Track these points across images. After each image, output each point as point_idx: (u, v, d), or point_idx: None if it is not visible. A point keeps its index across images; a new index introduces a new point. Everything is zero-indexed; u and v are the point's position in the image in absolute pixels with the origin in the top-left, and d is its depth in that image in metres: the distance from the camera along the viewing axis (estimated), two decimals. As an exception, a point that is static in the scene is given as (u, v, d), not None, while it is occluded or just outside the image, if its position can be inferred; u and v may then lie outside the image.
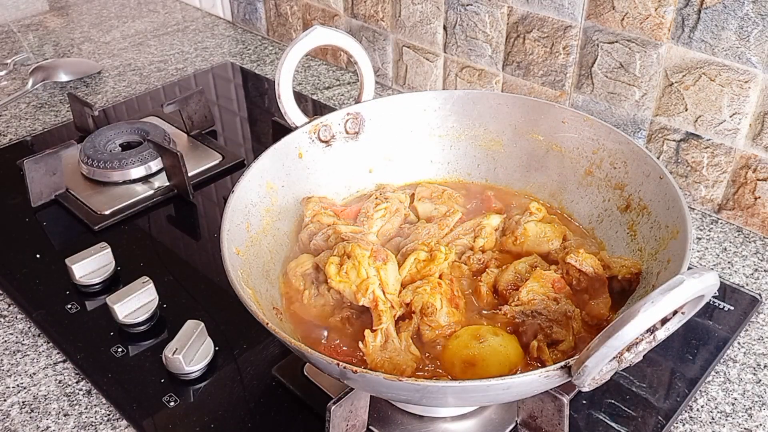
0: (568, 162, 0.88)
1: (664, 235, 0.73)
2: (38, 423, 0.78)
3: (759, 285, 0.95)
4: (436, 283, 0.73)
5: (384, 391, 0.63)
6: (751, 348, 0.86)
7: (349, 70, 1.53)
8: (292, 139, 0.86)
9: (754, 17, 0.90)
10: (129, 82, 1.51)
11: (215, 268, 0.99)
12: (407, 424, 0.75)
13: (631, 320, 0.50)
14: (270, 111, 1.38)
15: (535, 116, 0.89)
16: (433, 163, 0.96)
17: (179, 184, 1.12)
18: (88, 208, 1.10)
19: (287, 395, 0.80)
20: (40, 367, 0.85)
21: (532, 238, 0.81)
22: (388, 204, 0.86)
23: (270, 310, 0.72)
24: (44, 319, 0.90)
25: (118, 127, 1.24)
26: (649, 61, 1.02)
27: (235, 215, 0.75)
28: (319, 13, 1.51)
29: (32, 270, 0.98)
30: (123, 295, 0.87)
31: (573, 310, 0.71)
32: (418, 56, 1.35)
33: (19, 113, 1.39)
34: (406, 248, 0.79)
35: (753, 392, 0.80)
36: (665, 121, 1.05)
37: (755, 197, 1.01)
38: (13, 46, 1.66)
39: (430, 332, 0.71)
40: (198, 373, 0.82)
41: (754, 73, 0.93)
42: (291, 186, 0.86)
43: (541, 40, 1.14)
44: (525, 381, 0.56)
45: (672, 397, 0.79)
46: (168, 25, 1.78)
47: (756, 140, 0.97)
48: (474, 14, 1.21)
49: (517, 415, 0.75)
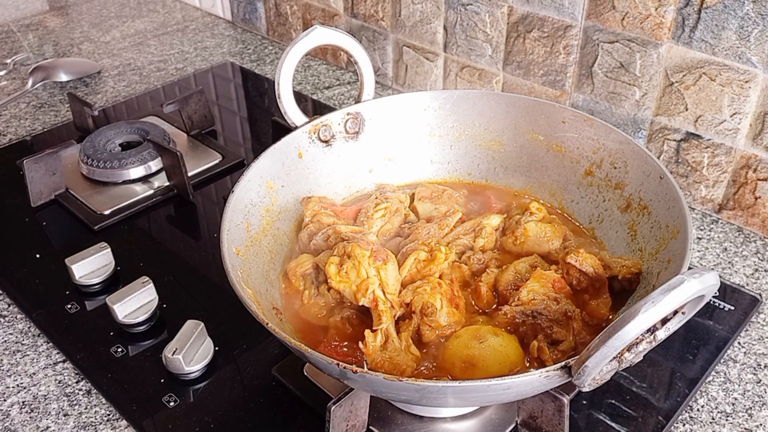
0: (569, 162, 0.88)
1: (665, 235, 0.73)
2: (38, 423, 0.78)
3: (759, 285, 0.95)
4: (436, 283, 0.73)
5: (384, 392, 0.62)
6: (752, 348, 0.86)
7: (349, 69, 1.53)
8: (291, 139, 0.86)
9: (755, 17, 0.90)
10: (129, 82, 1.51)
11: (215, 268, 0.99)
12: (407, 425, 0.75)
13: (632, 320, 0.50)
14: (270, 111, 1.38)
15: (536, 116, 0.89)
16: (433, 163, 0.95)
17: (179, 183, 1.12)
18: (87, 207, 1.10)
19: (287, 395, 0.80)
20: (39, 367, 0.85)
21: (532, 238, 0.80)
22: (388, 204, 0.85)
23: (270, 310, 0.72)
24: (44, 319, 0.90)
25: (118, 126, 1.24)
26: (650, 61, 1.02)
27: (234, 215, 0.75)
28: (319, 12, 1.50)
29: (32, 270, 0.98)
30: (123, 295, 0.87)
31: (573, 310, 0.71)
32: (418, 56, 1.35)
33: (19, 113, 1.39)
34: (406, 248, 0.79)
35: (753, 392, 0.80)
36: (665, 120, 1.05)
37: (755, 197, 1.01)
38: (12, 45, 1.66)
39: (430, 332, 0.70)
40: (198, 373, 0.82)
41: (754, 72, 0.93)
42: (291, 186, 0.86)
43: (542, 40, 1.14)
44: (525, 381, 0.56)
45: (672, 397, 0.79)
46: (168, 24, 1.78)
47: (756, 140, 0.97)
48: (474, 14, 1.21)
49: (517, 415, 0.75)
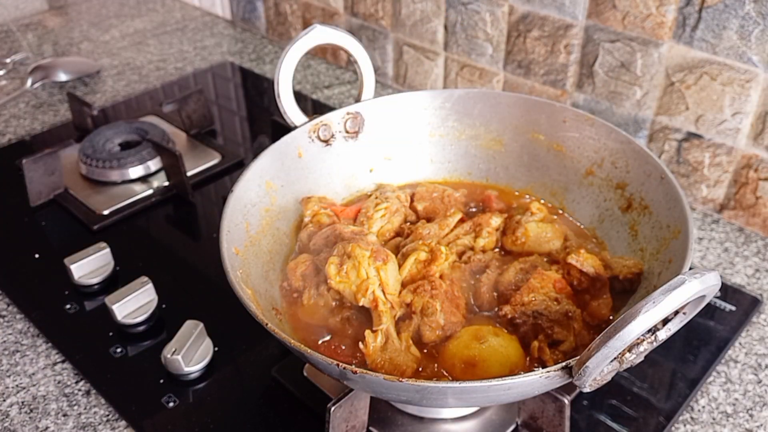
0: (569, 161, 0.88)
1: (666, 235, 0.73)
2: (37, 423, 0.78)
3: (760, 285, 0.95)
4: (436, 284, 0.72)
5: (384, 392, 0.62)
6: (752, 348, 0.86)
7: (349, 69, 1.52)
8: (291, 139, 0.86)
9: (755, 17, 0.90)
10: (128, 82, 1.50)
11: (215, 268, 0.99)
12: (407, 426, 0.75)
13: (633, 320, 0.50)
14: (269, 110, 1.37)
15: (536, 115, 0.89)
16: (433, 162, 0.95)
17: (178, 183, 1.12)
18: (87, 207, 1.09)
19: (287, 396, 0.79)
20: (39, 367, 0.85)
21: (532, 238, 0.80)
22: (388, 204, 0.85)
23: (269, 311, 0.72)
24: (43, 319, 0.90)
25: (117, 126, 1.24)
26: (651, 61, 1.02)
27: (234, 215, 0.74)
28: (319, 11, 1.50)
29: (31, 270, 0.98)
30: (122, 295, 0.87)
31: (574, 310, 0.71)
32: (419, 55, 1.35)
33: (18, 113, 1.39)
34: (406, 248, 0.79)
35: (754, 392, 0.80)
36: (666, 120, 1.04)
37: (757, 197, 1.00)
38: (12, 45, 1.66)
39: (430, 333, 0.70)
40: (197, 374, 0.82)
41: (755, 72, 0.93)
42: (290, 186, 0.86)
43: (542, 39, 1.14)
44: (526, 382, 0.56)
45: (673, 397, 0.79)
46: (167, 24, 1.77)
47: (757, 140, 0.97)
48: (474, 13, 1.21)
49: (517, 416, 0.75)
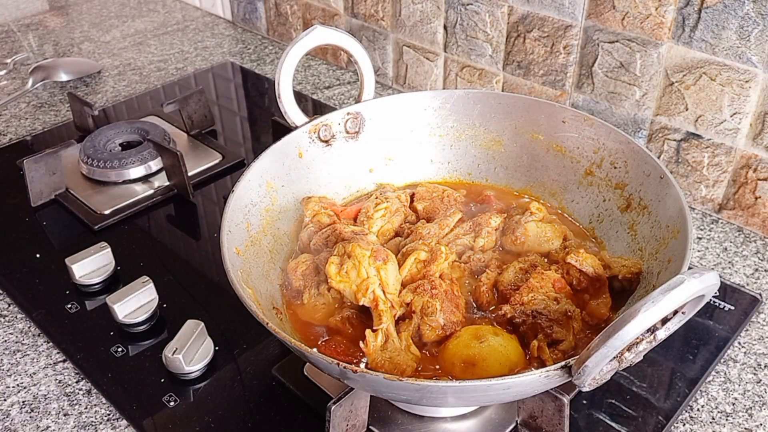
0: (569, 162, 0.88)
1: (665, 235, 0.73)
2: (38, 423, 0.78)
3: (759, 285, 0.95)
4: (436, 283, 0.73)
5: (384, 391, 0.62)
6: (752, 348, 0.86)
7: (349, 69, 1.53)
8: (292, 139, 0.86)
9: (755, 17, 0.90)
10: (129, 82, 1.51)
11: (215, 267, 0.99)
12: (407, 424, 0.75)
13: (632, 320, 0.50)
14: (270, 110, 1.38)
15: (536, 116, 0.89)
16: (433, 163, 0.95)
17: (179, 183, 1.12)
18: (87, 207, 1.10)
19: (287, 395, 0.80)
20: (40, 366, 0.85)
21: (532, 237, 0.80)
22: (388, 204, 0.85)
23: (270, 310, 0.72)
24: (44, 318, 0.90)
25: (118, 126, 1.24)
26: (650, 61, 1.02)
27: (235, 215, 0.75)
28: (319, 12, 1.50)
29: (32, 270, 0.98)
30: (123, 295, 0.87)
31: (573, 309, 0.71)
32: (419, 56, 1.35)
33: (19, 113, 1.39)
34: (406, 248, 0.79)
35: (753, 392, 0.80)
36: (666, 120, 1.05)
37: (756, 197, 1.01)
38: (13, 45, 1.66)
39: (430, 332, 0.70)
40: (198, 373, 0.82)
41: (754, 72, 0.93)
42: (291, 186, 0.86)
43: (542, 40, 1.14)
44: (525, 381, 0.56)
45: (672, 397, 0.79)
46: (168, 24, 1.78)
47: (756, 140, 0.97)
48: (474, 14, 1.21)
49: (517, 415, 0.75)
